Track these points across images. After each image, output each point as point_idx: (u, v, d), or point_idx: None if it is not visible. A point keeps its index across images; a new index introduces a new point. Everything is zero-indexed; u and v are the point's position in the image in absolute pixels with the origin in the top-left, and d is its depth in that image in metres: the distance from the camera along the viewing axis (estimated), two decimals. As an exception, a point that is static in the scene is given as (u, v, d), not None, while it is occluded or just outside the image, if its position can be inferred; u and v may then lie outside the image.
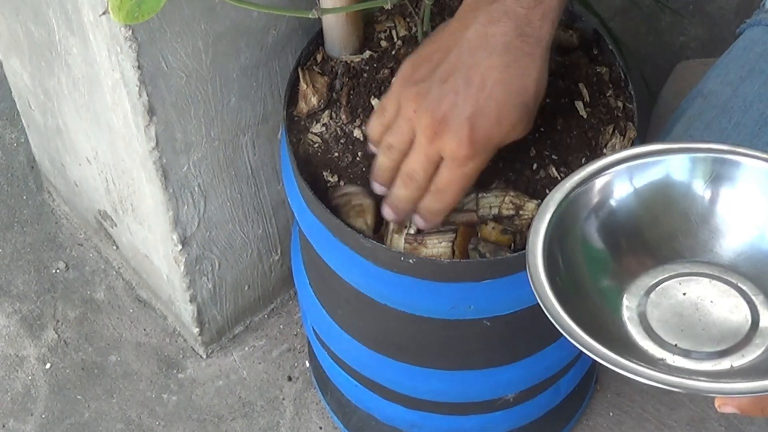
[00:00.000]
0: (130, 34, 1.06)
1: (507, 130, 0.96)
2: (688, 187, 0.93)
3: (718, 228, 0.93)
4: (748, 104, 1.12)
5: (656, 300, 0.89)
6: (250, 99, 1.24)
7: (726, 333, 0.87)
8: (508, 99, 0.95)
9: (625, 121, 1.09)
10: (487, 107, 0.95)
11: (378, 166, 1.02)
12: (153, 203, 1.30)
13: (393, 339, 1.19)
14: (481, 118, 0.95)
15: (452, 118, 0.95)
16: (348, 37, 1.12)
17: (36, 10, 1.24)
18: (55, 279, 1.63)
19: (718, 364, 0.85)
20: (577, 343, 0.82)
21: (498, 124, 0.95)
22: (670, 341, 0.86)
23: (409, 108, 0.97)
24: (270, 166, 1.35)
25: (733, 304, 0.89)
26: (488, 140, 0.96)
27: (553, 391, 1.31)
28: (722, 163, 0.92)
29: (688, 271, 0.92)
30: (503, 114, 0.95)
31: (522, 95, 0.95)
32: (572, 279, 0.89)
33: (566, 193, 0.91)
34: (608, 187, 0.93)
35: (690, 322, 0.88)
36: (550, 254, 0.87)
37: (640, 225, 0.93)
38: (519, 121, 0.96)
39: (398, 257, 1.02)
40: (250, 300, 1.53)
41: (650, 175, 0.93)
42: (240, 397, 1.53)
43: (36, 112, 1.50)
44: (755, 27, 1.20)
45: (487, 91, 0.95)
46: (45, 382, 1.54)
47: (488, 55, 0.95)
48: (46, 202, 1.70)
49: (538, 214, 0.89)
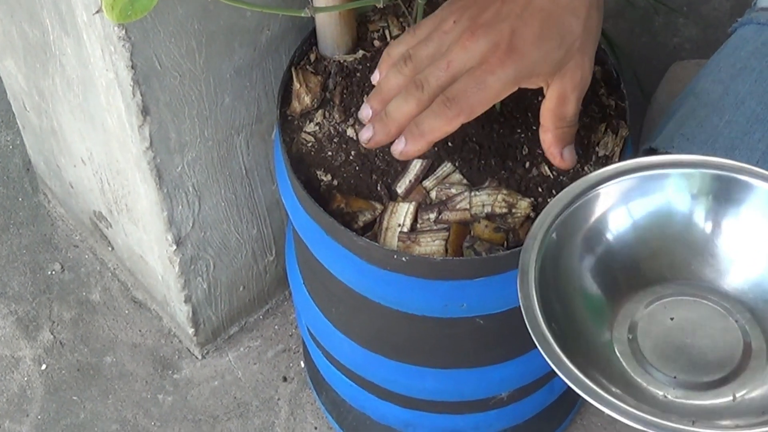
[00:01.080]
0: (124, 34, 1.06)
1: (543, 53, 0.90)
2: (673, 209, 0.93)
3: (699, 246, 0.92)
4: (739, 101, 1.13)
5: (645, 328, 0.88)
6: (243, 99, 1.24)
7: (722, 358, 0.86)
8: (554, 16, 0.90)
9: (618, 120, 1.09)
10: (531, 18, 0.90)
11: (385, 84, 0.94)
12: (147, 204, 1.30)
13: (387, 338, 1.19)
14: (522, 29, 0.90)
15: (493, 24, 0.90)
16: (341, 36, 1.12)
17: (30, 11, 1.25)
18: (51, 280, 1.63)
19: (720, 395, 0.84)
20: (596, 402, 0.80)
21: (538, 43, 0.90)
22: (668, 373, 0.85)
23: (449, 21, 0.92)
24: (264, 166, 1.35)
25: (723, 326, 0.88)
26: (524, 53, 0.90)
27: (547, 390, 1.32)
28: (713, 180, 0.92)
29: (670, 291, 0.91)
30: (545, 29, 0.90)
31: (570, 17, 0.91)
32: (567, 319, 0.87)
33: (556, 214, 0.90)
34: (590, 207, 0.92)
35: (684, 349, 0.87)
36: (543, 295, 0.86)
37: (621, 247, 0.93)
38: (559, 45, 0.91)
39: (391, 255, 1.02)
40: (245, 300, 1.54)
41: (635, 189, 0.93)
42: (235, 398, 1.53)
43: (31, 113, 1.51)
44: (747, 25, 1.21)
45: (534, 3, 0.90)
46: (41, 383, 1.54)
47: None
48: (41, 203, 1.71)
49: (526, 246, 0.88)
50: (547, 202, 1.04)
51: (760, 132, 1.10)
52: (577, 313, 0.89)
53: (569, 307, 0.89)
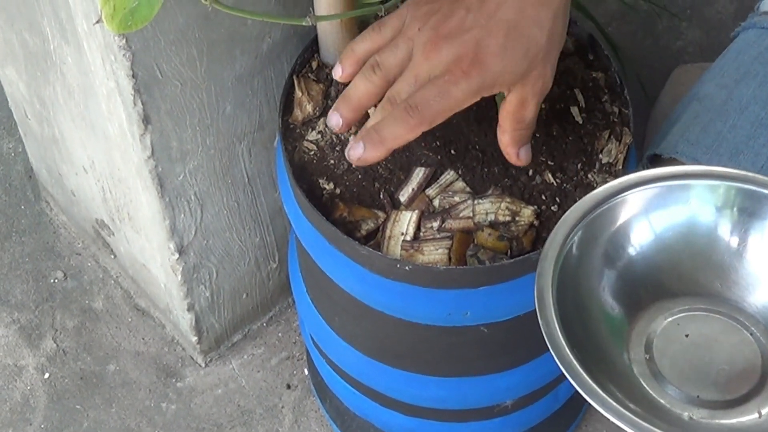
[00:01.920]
0: (124, 43, 1.06)
1: (508, 64, 0.90)
2: (697, 221, 0.91)
3: (718, 260, 0.91)
4: (743, 106, 1.12)
5: (661, 347, 0.86)
6: (245, 107, 1.24)
7: (742, 372, 0.85)
8: (518, 25, 0.90)
9: (621, 127, 1.09)
10: (496, 29, 0.89)
11: (353, 91, 0.94)
12: (149, 212, 1.30)
13: (390, 346, 1.18)
14: (487, 39, 0.89)
15: (457, 34, 0.90)
16: (343, 44, 1.12)
17: (30, 20, 1.24)
18: (54, 288, 1.63)
19: (745, 412, 0.83)
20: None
21: (503, 54, 0.89)
22: (691, 393, 0.84)
23: (414, 27, 0.92)
24: (266, 173, 1.35)
25: (739, 339, 0.87)
26: (488, 67, 0.89)
27: (551, 397, 1.31)
28: (738, 194, 0.90)
29: (680, 307, 0.90)
30: (510, 40, 0.89)
31: (535, 26, 0.90)
32: (589, 341, 0.86)
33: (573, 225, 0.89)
34: (609, 218, 0.91)
35: (703, 366, 0.86)
36: (563, 317, 0.84)
37: (634, 263, 0.91)
38: (524, 54, 0.90)
39: (394, 264, 1.02)
40: (248, 308, 1.53)
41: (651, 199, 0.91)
42: (239, 406, 1.52)
43: (32, 121, 1.50)
44: (750, 30, 1.20)
45: (500, 14, 0.90)
46: (44, 392, 1.54)
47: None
48: (43, 211, 1.70)
49: (540, 270, 0.87)
50: (550, 210, 1.04)
51: (765, 137, 1.10)
52: (598, 334, 0.88)
53: (590, 327, 0.87)
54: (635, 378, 0.86)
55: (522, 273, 1.03)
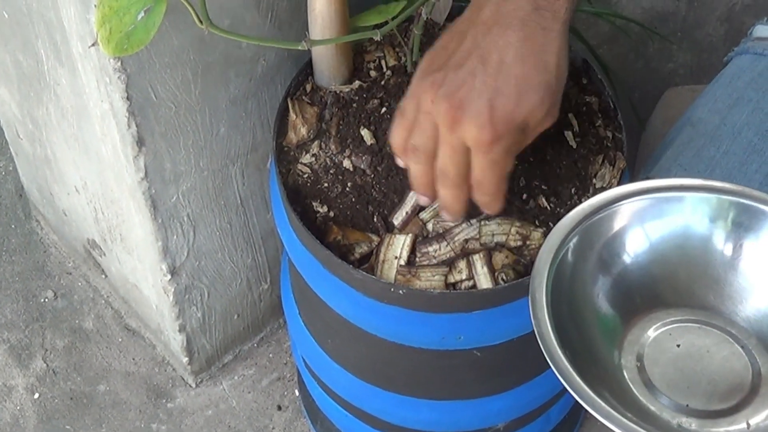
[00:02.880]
0: (119, 66, 1.06)
1: (529, 109, 0.90)
2: (691, 232, 0.92)
3: (711, 272, 0.91)
4: (736, 132, 1.13)
5: (652, 355, 0.87)
6: (239, 129, 1.24)
7: (732, 385, 0.86)
8: (527, 75, 0.90)
9: (615, 151, 1.09)
10: (506, 86, 0.90)
11: (412, 175, 0.98)
12: (142, 233, 1.30)
13: (383, 369, 1.18)
14: (500, 98, 0.90)
15: (470, 102, 0.90)
16: (337, 67, 1.12)
17: (25, 41, 1.24)
18: (44, 308, 1.62)
19: (734, 422, 0.84)
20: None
21: (518, 103, 0.90)
22: (680, 401, 0.85)
23: (427, 100, 0.92)
24: (259, 195, 1.35)
25: (730, 351, 0.87)
26: (510, 121, 0.90)
27: (543, 420, 1.31)
28: (731, 207, 0.91)
29: (673, 318, 0.90)
30: (523, 91, 0.90)
31: (542, 72, 0.90)
32: (582, 344, 0.87)
33: (568, 231, 0.90)
34: (604, 226, 0.92)
35: (693, 376, 0.86)
36: (557, 319, 0.85)
37: (628, 271, 0.92)
38: (541, 100, 0.91)
39: (388, 288, 1.02)
40: (239, 329, 1.53)
41: (647, 209, 0.92)
42: (230, 427, 1.52)
43: (24, 141, 1.50)
44: (743, 55, 1.20)
45: (505, 69, 0.90)
46: (33, 412, 1.53)
47: (503, 31, 0.90)
48: (34, 230, 1.70)
49: (535, 270, 0.87)
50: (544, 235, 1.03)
51: (757, 163, 1.10)
52: (591, 338, 0.88)
53: (583, 331, 0.88)
54: (626, 383, 0.86)
55: (516, 297, 1.03)
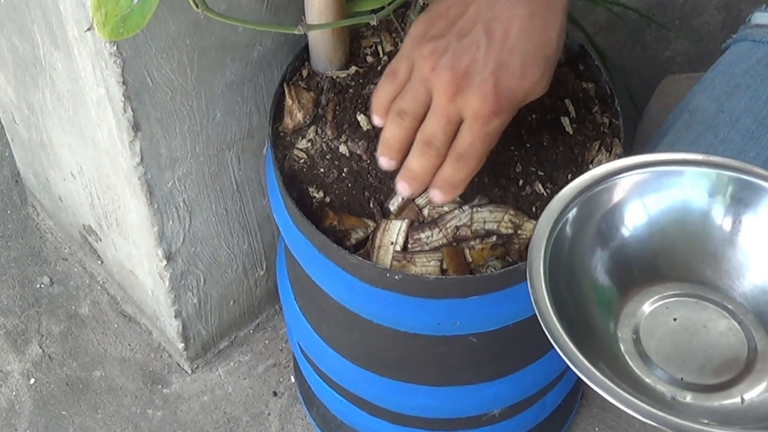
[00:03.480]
0: (115, 50, 1.05)
1: (530, 84, 0.91)
2: (689, 207, 0.92)
3: (710, 247, 0.91)
4: (734, 120, 1.12)
5: (648, 328, 0.87)
6: (235, 114, 1.23)
7: (727, 359, 0.86)
8: (532, 51, 0.91)
9: (612, 138, 1.09)
10: (511, 60, 0.90)
11: (386, 137, 0.96)
12: (138, 219, 1.29)
13: (379, 355, 1.18)
14: (505, 72, 0.90)
15: (475, 74, 0.90)
16: (334, 52, 1.12)
17: (20, 25, 1.24)
18: (40, 294, 1.62)
19: (728, 397, 0.84)
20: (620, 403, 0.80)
21: (522, 78, 0.91)
22: (675, 375, 0.85)
23: (425, 67, 0.92)
24: (255, 180, 1.34)
25: (726, 327, 0.88)
26: (513, 95, 0.91)
27: (539, 407, 1.31)
28: (731, 182, 0.91)
29: (671, 292, 0.91)
30: (527, 67, 0.91)
31: (545, 48, 0.91)
32: (579, 315, 0.87)
33: (566, 203, 0.90)
34: (602, 199, 0.92)
35: (689, 350, 0.87)
36: (554, 290, 0.85)
37: (627, 244, 0.92)
38: (542, 75, 0.92)
39: (384, 273, 1.01)
40: (235, 315, 1.53)
41: (648, 183, 0.92)
42: (225, 413, 1.52)
43: (20, 126, 1.50)
44: (741, 42, 1.20)
45: (510, 43, 0.90)
46: (29, 398, 1.53)
47: (510, 5, 0.90)
48: (30, 216, 1.70)
49: (534, 240, 0.88)
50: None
51: (755, 150, 1.10)
52: (588, 310, 0.89)
53: (580, 302, 0.88)
54: (622, 355, 0.87)
55: (512, 283, 1.03)
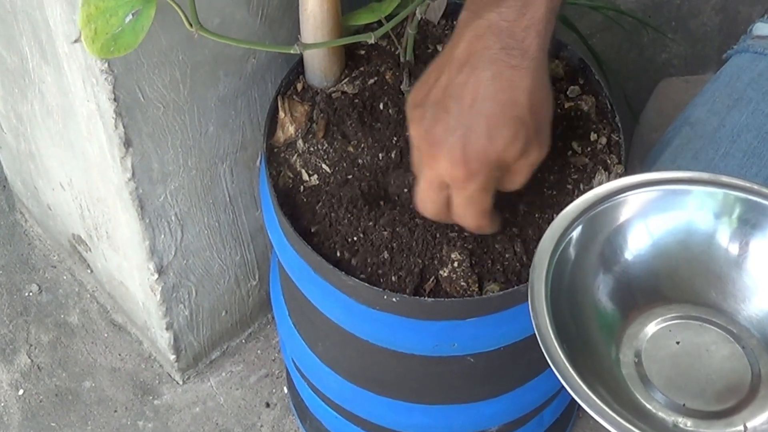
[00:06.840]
0: (106, 67, 1.03)
1: (502, 145, 0.91)
2: (694, 228, 0.90)
3: (715, 269, 0.90)
4: (735, 134, 1.11)
5: (650, 351, 0.86)
6: (228, 127, 1.22)
7: (731, 385, 0.84)
8: (498, 112, 0.91)
9: (612, 155, 1.07)
10: (476, 123, 0.91)
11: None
12: (129, 232, 1.27)
13: (375, 374, 1.17)
14: (471, 135, 0.91)
15: (444, 140, 0.92)
16: (329, 66, 1.10)
17: (8, 37, 1.22)
18: (28, 302, 1.60)
19: (730, 425, 0.82)
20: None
21: (490, 140, 0.91)
22: (677, 400, 0.84)
23: (414, 134, 0.95)
24: (248, 192, 1.33)
25: (730, 351, 0.86)
26: (483, 157, 0.92)
27: (537, 421, 1.30)
28: (738, 202, 0.89)
29: (674, 314, 0.89)
30: (494, 128, 0.91)
31: (513, 108, 0.91)
32: (580, 339, 0.85)
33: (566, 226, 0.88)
34: (605, 219, 0.90)
35: (691, 374, 0.85)
36: (555, 312, 0.84)
37: (630, 265, 0.90)
38: (514, 136, 0.91)
39: (381, 295, 1.00)
40: (227, 325, 1.51)
41: (651, 202, 0.90)
42: (217, 424, 1.50)
43: (8, 135, 1.47)
44: (742, 54, 1.18)
45: (476, 107, 0.91)
46: (18, 409, 1.51)
47: (473, 70, 0.92)
48: (18, 222, 1.67)
49: (535, 262, 0.86)
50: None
51: (757, 166, 1.08)
52: (589, 331, 0.87)
53: (582, 324, 0.87)
54: (623, 380, 0.85)
55: (511, 304, 1.01)
